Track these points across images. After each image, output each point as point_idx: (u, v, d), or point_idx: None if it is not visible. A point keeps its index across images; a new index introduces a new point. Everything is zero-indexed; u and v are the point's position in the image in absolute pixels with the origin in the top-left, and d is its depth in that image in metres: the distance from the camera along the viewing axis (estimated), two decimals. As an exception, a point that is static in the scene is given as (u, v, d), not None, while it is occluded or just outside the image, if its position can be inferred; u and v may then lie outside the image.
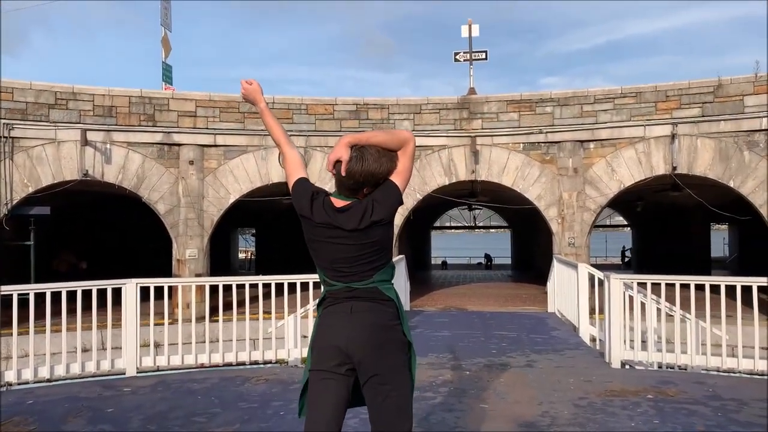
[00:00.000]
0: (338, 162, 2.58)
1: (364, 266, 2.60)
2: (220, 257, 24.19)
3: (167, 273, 16.48)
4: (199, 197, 16.15)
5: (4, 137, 14.57)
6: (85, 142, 15.11)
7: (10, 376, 5.95)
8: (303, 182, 2.76)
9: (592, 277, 8.79)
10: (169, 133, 15.93)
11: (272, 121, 2.90)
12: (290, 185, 2.78)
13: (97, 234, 24.42)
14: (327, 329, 2.61)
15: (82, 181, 15.35)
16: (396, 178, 2.65)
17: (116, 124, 15.59)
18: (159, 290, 6.89)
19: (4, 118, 14.61)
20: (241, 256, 40.74)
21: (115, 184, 15.65)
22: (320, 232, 2.61)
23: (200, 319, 11.30)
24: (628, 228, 37.80)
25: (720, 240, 37.08)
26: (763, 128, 14.84)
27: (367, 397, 2.59)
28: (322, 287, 2.71)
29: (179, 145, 16.03)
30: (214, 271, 17.32)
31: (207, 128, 16.17)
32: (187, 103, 16.16)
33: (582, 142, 16.25)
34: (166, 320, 6.83)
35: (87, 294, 6.29)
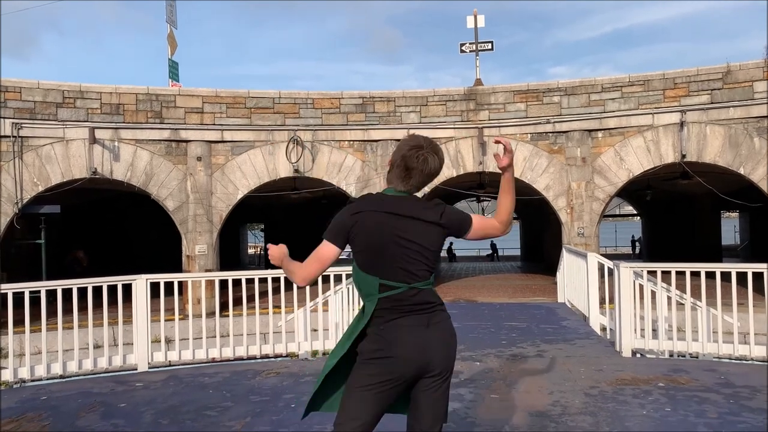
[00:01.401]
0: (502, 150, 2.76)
1: (428, 264, 2.56)
2: (229, 253, 24.26)
3: (176, 269, 16.56)
4: (208, 193, 16.20)
5: (13, 137, 14.66)
6: (94, 140, 15.18)
7: (23, 373, 6.00)
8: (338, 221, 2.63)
9: (601, 267, 8.75)
10: (176, 129, 15.98)
11: (292, 266, 2.71)
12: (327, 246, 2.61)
13: (105, 231, 24.55)
14: (401, 344, 2.49)
15: (91, 179, 15.44)
16: (474, 219, 2.71)
17: (124, 122, 15.66)
18: (169, 286, 6.92)
19: (13, 118, 14.69)
20: (251, 251, 40.88)
21: (124, 182, 15.73)
22: (383, 228, 2.51)
23: (210, 314, 11.36)
24: (638, 217, 37.61)
25: (731, 228, 36.86)
26: (773, 114, 14.70)
27: (424, 391, 2.56)
28: (367, 299, 2.57)
29: (187, 141, 16.08)
30: (223, 266, 17.40)
31: (214, 124, 16.20)
32: (194, 100, 16.19)
33: (590, 131, 16.17)
34: (176, 316, 6.86)
35: (97, 291, 6.33)
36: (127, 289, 6.49)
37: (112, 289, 6.46)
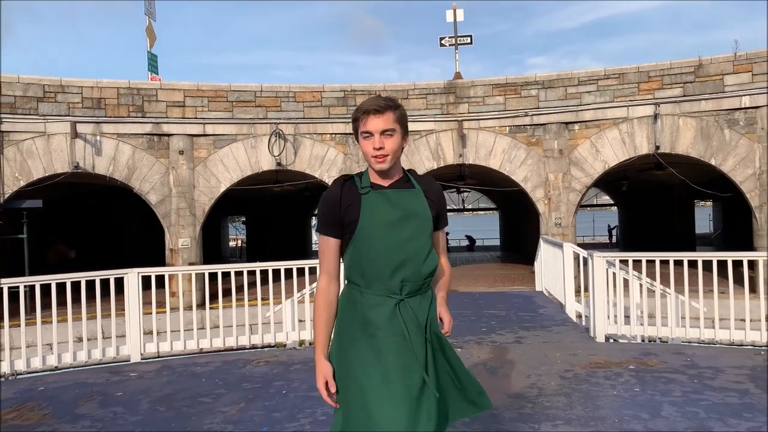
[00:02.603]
0: None
1: None
2: (210, 246, 24.34)
3: (158, 262, 16.65)
4: (190, 187, 16.30)
5: (-6, 131, 14.62)
6: (75, 135, 15.20)
7: (19, 365, 6.17)
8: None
9: (577, 256, 9.10)
10: (158, 123, 16.04)
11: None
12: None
13: (87, 225, 24.48)
14: None
15: (73, 173, 15.46)
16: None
17: (105, 116, 15.68)
18: (156, 279, 7.11)
19: (-7, 113, 14.66)
20: (231, 244, 40.88)
21: (107, 176, 15.77)
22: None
23: (198, 306, 11.54)
24: (615, 207, 38.29)
25: (706, 216, 37.66)
26: (743, 107, 15.17)
27: None
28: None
29: (169, 135, 16.15)
30: (205, 259, 17.53)
31: (196, 118, 16.29)
32: (176, 93, 16.25)
33: (567, 123, 16.54)
34: (168, 308, 7.04)
35: (89, 284, 6.50)
36: (115, 282, 6.64)
37: (101, 283, 6.61)
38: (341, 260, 2.55)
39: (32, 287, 6.28)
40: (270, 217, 29.58)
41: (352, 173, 2.56)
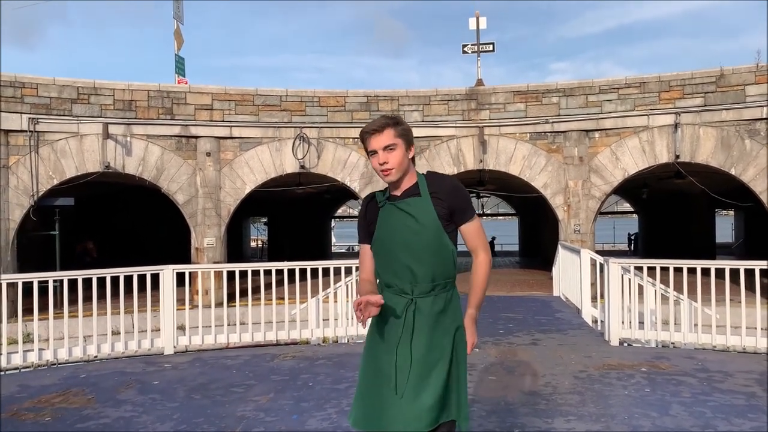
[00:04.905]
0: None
1: None
2: (232, 245, 24.81)
3: (180, 261, 17.07)
4: (216, 188, 16.73)
5: (30, 131, 15.18)
6: (107, 136, 15.70)
7: (62, 354, 6.55)
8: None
9: (594, 263, 9.31)
10: (186, 125, 16.49)
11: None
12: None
13: (115, 223, 25.09)
14: None
15: (104, 173, 15.96)
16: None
17: (136, 118, 16.17)
18: (180, 277, 7.47)
19: (30, 113, 15.21)
20: (252, 244, 41.44)
21: (136, 176, 16.26)
22: None
23: (219, 304, 11.92)
24: (636, 214, 38.19)
25: (728, 226, 37.44)
26: (763, 117, 15.24)
27: None
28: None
29: (196, 137, 16.60)
30: (228, 259, 17.95)
31: (223, 121, 16.72)
32: (204, 97, 16.70)
33: (587, 131, 16.70)
34: (200, 303, 7.39)
35: (119, 279, 6.86)
36: (142, 279, 6.99)
37: (129, 279, 6.95)
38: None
39: (74, 281, 6.65)
40: (291, 219, 30.01)
41: (375, 191, 2.89)
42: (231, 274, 10.20)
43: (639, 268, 7.64)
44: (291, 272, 7.75)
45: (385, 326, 2.71)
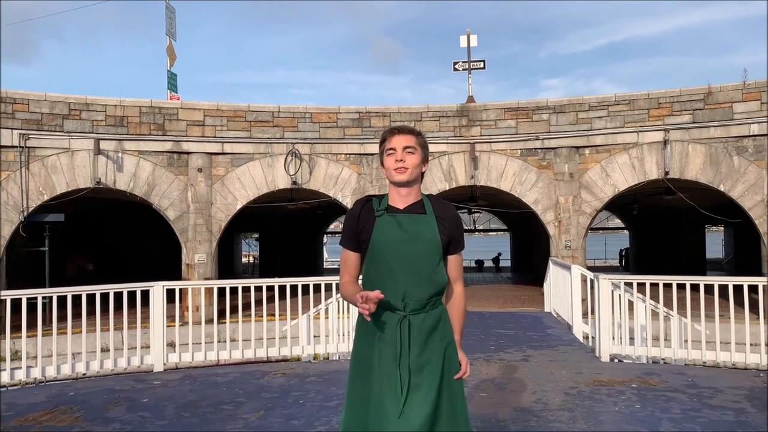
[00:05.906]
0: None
1: None
2: (224, 261, 24.73)
3: (170, 277, 16.99)
4: (208, 203, 16.70)
5: (21, 147, 15.14)
6: (98, 151, 15.68)
7: (50, 371, 6.50)
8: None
9: (585, 278, 9.35)
10: (178, 141, 16.50)
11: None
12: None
13: (104, 239, 24.96)
14: None
15: (95, 188, 15.92)
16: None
17: (127, 134, 16.16)
18: (170, 293, 7.44)
19: (21, 129, 15.18)
20: (244, 260, 41.27)
21: (127, 191, 16.22)
22: None
23: (209, 321, 11.86)
24: (626, 230, 38.35)
25: (718, 241, 37.65)
26: (751, 134, 15.41)
27: None
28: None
29: (188, 153, 16.60)
30: (220, 275, 17.87)
31: (215, 137, 16.73)
32: (196, 113, 16.73)
33: (577, 148, 16.82)
34: (190, 320, 7.36)
35: (107, 296, 6.83)
36: (132, 296, 6.96)
37: (119, 295, 6.91)
38: (360, 273, 2.87)
39: (62, 297, 6.62)
40: (283, 235, 29.96)
41: (372, 195, 2.87)
42: (222, 291, 10.18)
43: (629, 284, 7.68)
44: (282, 288, 7.74)
45: (377, 342, 2.70)
